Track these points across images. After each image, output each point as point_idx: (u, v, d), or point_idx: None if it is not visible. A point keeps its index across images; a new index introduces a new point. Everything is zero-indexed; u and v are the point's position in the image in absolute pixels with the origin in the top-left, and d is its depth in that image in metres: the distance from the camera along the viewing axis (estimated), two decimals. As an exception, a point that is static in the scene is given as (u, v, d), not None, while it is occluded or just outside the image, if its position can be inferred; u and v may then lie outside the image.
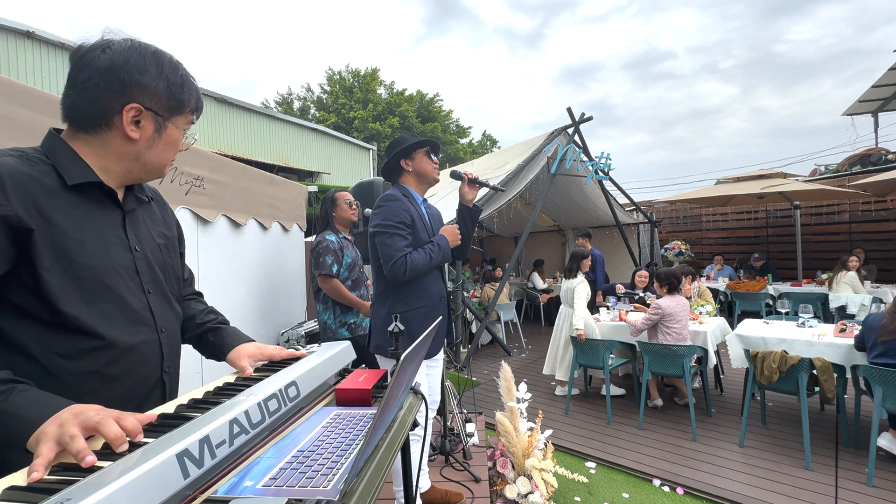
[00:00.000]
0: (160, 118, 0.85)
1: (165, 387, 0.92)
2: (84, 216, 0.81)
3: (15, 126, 1.38)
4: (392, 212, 1.82)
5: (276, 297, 3.16)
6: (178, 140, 0.90)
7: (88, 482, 0.49)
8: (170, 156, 0.91)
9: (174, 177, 2.05)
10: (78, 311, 0.77)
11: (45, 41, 6.53)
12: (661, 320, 3.42)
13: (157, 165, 0.90)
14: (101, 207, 0.85)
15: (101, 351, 0.80)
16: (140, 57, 0.83)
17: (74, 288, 0.77)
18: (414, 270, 1.79)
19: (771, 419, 3.34)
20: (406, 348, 0.75)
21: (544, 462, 2.26)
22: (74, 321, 0.76)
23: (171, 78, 0.85)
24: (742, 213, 9.07)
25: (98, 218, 0.83)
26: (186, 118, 0.91)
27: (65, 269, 0.76)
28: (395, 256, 1.77)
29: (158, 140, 0.86)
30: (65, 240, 0.76)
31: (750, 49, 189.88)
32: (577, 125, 5.92)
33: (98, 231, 0.82)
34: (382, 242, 1.81)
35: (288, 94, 24.44)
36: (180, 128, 0.89)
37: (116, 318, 0.82)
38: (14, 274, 0.73)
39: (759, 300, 6.34)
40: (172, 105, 0.86)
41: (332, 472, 0.64)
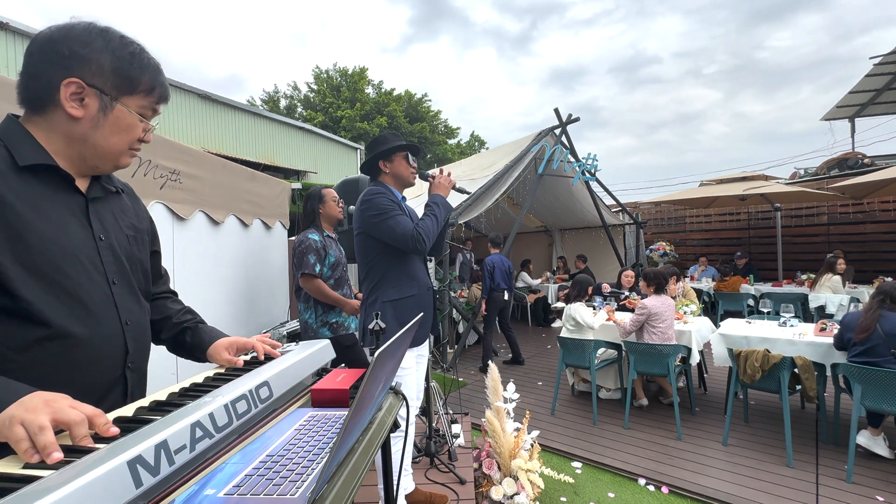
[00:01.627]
0: (106, 97, 0.79)
1: (128, 384, 0.87)
2: (40, 199, 0.77)
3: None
4: (383, 200, 1.87)
5: (257, 297, 3.08)
6: (131, 124, 0.83)
7: (23, 494, 0.44)
8: (120, 141, 0.83)
9: (148, 170, 1.97)
10: (31, 296, 0.72)
11: (19, 32, 6.31)
12: (647, 320, 3.44)
13: (107, 151, 0.83)
14: (59, 192, 0.80)
15: (53, 341, 0.74)
16: (84, 30, 0.78)
17: (28, 272, 0.72)
18: (429, 235, 1.86)
19: (753, 417, 3.38)
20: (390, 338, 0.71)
21: (530, 463, 2.24)
22: (26, 306, 0.72)
23: (118, 52, 0.79)
24: (725, 214, 9.23)
25: (57, 202, 0.79)
26: (140, 100, 0.84)
27: (16, 252, 0.72)
28: (409, 229, 1.82)
29: (104, 120, 0.80)
30: (16, 220, 0.72)
31: (733, 55, 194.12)
32: (565, 126, 5.94)
33: (57, 215, 0.78)
34: (389, 226, 1.83)
35: (275, 92, 24.13)
36: (132, 110, 0.83)
37: (73, 306, 0.77)
38: None
39: (742, 300, 6.44)
40: (120, 83, 0.80)
41: (302, 479, 0.59)
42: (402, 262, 1.94)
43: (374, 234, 1.88)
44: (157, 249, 1.09)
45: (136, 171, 1.93)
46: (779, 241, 7.71)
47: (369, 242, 1.93)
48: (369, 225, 1.88)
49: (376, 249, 1.92)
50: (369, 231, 1.90)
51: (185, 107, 8.88)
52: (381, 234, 1.87)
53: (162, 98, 0.88)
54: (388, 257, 1.92)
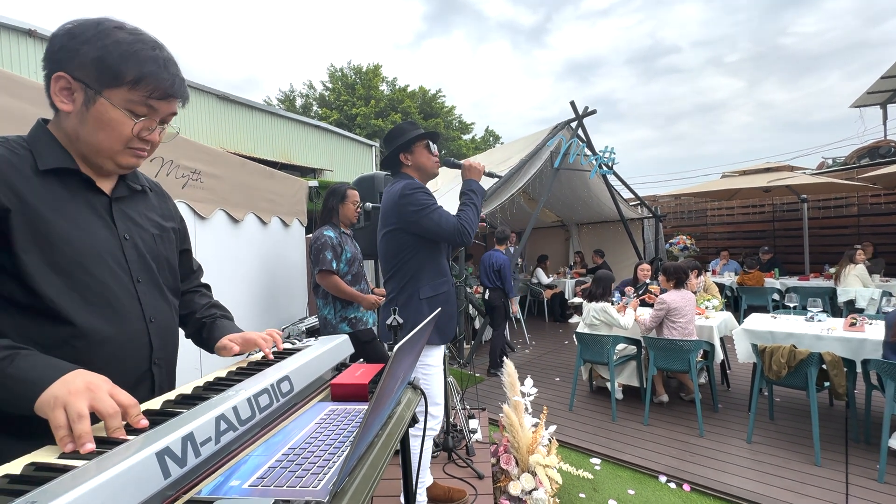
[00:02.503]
0: (90, 90, 0.76)
1: (154, 379, 0.89)
2: (65, 201, 0.79)
3: (7, 117, 1.35)
4: (422, 194, 1.83)
5: (277, 293, 3.13)
6: (115, 119, 0.78)
7: (60, 482, 0.46)
8: (107, 138, 0.79)
9: (170, 170, 2.02)
10: (56, 295, 0.74)
11: (46, 39, 6.53)
12: (667, 315, 3.37)
13: (97, 148, 0.80)
14: (83, 193, 0.82)
15: (80, 339, 0.77)
16: (82, 24, 0.77)
17: (54, 272, 0.75)
18: (473, 226, 1.84)
19: (779, 415, 3.29)
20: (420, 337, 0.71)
21: (548, 458, 2.23)
22: (53, 306, 0.74)
23: (106, 45, 0.75)
24: (748, 207, 8.98)
25: (81, 203, 0.81)
26: (126, 94, 0.78)
27: (42, 253, 0.74)
28: (454, 222, 1.80)
29: (86, 115, 0.78)
30: (42, 222, 0.74)
31: (756, 42, 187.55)
32: (581, 119, 5.86)
33: (80, 216, 0.80)
34: (434, 221, 1.80)
35: (290, 91, 24.42)
36: (117, 105, 0.77)
37: (98, 304, 0.79)
38: None
39: (766, 295, 6.27)
40: (102, 74, 0.76)
41: (324, 472, 0.60)
42: (435, 258, 1.91)
43: (414, 229, 1.83)
44: (187, 247, 1.11)
45: (159, 171, 1.99)
46: (805, 233, 7.47)
47: (405, 239, 1.86)
48: (409, 221, 1.82)
49: (412, 245, 1.86)
50: (408, 227, 1.84)
51: (205, 108, 9.07)
52: (423, 230, 1.82)
53: (157, 91, 0.80)
54: (422, 253, 1.87)
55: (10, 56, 6.20)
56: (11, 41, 6.22)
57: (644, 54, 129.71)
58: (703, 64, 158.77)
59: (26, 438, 0.61)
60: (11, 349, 0.68)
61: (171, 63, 0.83)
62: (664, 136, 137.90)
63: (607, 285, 3.78)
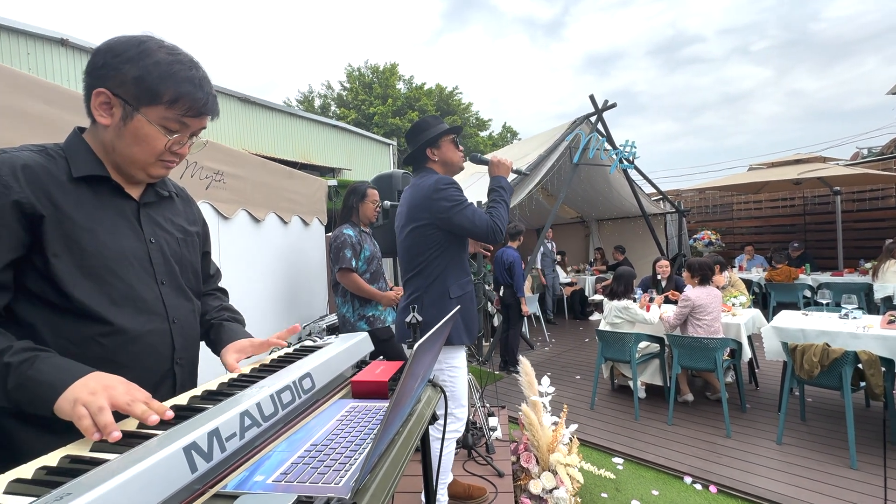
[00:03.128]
0: (129, 107, 0.80)
1: (176, 377, 0.92)
2: (95, 207, 0.83)
3: (42, 123, 1.41)
4: (455, 190, 1.80)
5: (298, 291, 3.18)
6: (150, 135, 0.82)
7: (93, 474, 0.48)
8: (141, 152, 0.83)
9: (194, 171, 2.07)
10: (86, 297, 0.78)
11: (78, 48, 6.78)
12: (692, 312, 3.29)
13: (131, 160, 0.84)
14: (112, 199, 0.86)
15: (107, 337, 0.81)
16: (124, 41, 0.81)
17: (83, 274, 0.79)
18: (504, 223, 1.83)
19: (811, 415, 3.18)
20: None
21: (569, 457, 2.20)
22: (82, 306, 0.78)
23: (147, 65, 0.79)
24: (777, 200, 8.66)
25: (110, 209, 0.85)
26: (163, 112, 0.81)
27: (73, 256, 0.78)
28: (486, 219, 1.78)
29: (123, 130, 0.81)
30: (74, 228, 0.78)
31: (784, 29, 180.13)
32: (601, 113, 5.75)
33: (110, 221, 0.84)
34: (467, 217, 1.77)
35: (309, 92, 24.78)
36: (153, 122, 0.81)
37: (125, 305, 0.83)
38: (28, 260, 0.76)
39: (796, 291, 6.04)
40: (141, 93, 0.79)
41: (345, 469, 0.61)
42: (461, 256, 1.89)
43: (446, 225, 1.79)
44: (207, 251, 1.14)
45: (184, 172, 2.04)
46: (838, 227, 7.16)
47: (435, 235, 1.82)
48: (440, 217, 1.78)
49: (440, 242, 1.82)
50: (440, 223, 1.80)
51: (227, 110, 9.26)
52: (455, 226, 1.79)
53: (192, 110, 0.84)
54: (451, 250, 1.85)
55: (45, 64, 6.46)
56: (45, 50, 6.48)
57: (666, 45, 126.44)
58: (728, 53, 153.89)
59: (60, 433, 0.64)
60: (31, 351, 0.70)
61: (206, 82, 0.86)
62: (687, 128, 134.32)
63: (629, 282, 3.70)
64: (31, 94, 1.38)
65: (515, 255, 4.66)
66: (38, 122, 1.40)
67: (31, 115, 1.38)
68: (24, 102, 1.36)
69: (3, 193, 0.72)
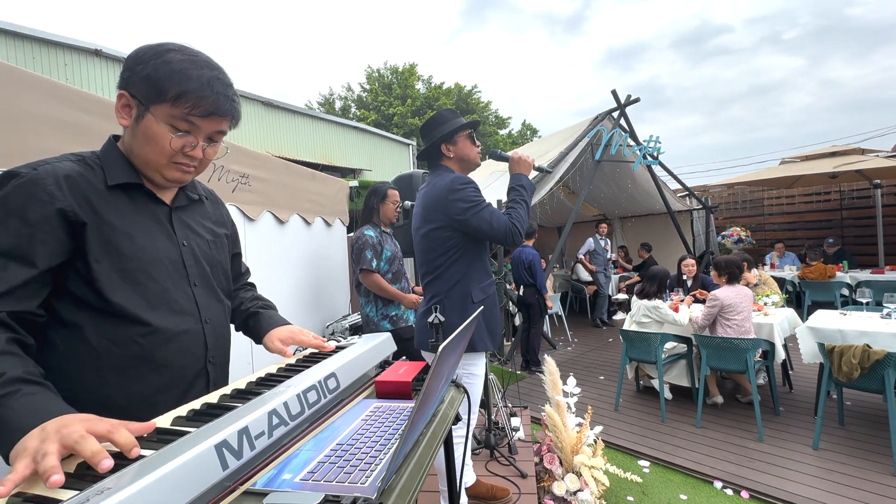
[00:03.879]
0: (141, 106, 0.82)
1: (209, 376, 0.95)
2: (132, 212, 0.86)
3: (77, 130, 1.47)
4: (472, 191, 1.73)
5: (321, 291, 3.23)
6: (156, 134, 0.82)
7: (129, 471, 0.49)
8: (151, 152, 0.83)
9: (221, 175, 2.13)
10: (124, 299, 0.81)
11: (111, 57, 7.06)
12: (720, 312, 3.19)
13: (145, 161, 0.85)
14: (147, 205, 0.89)
15: (145, 338, 0.83)
16: (144, 48, 0.83)
17: (122, 278, 0.82)
18: (524, 225, 1.75)
19: (850, 420, 3.04)
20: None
21: (594, 459, 2.17)
22: (121, 309, 0.81)
23: (157, 64, 0.80)
24: (811, 194, 8.31)
25: (145, 214, 0.89)
26: (168, 109, 0.81)
27: (113, 261, 0.81)
28: (504, 220, 1.70)
29: (136, 129, 0.83)
30: (113, 233, 0.81)
31: (818, 15, 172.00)
32: (623, 108, 5.63)
33: (145, 226, 0.87)
34: (484, 219, 1.69)
35: (330, 94, 25.16)
36: (160, 120, 0.81)
37: (161, 307, 0.86)
38: (71, 265, 0.79)
39: (833, 290, 5.78)
40: (149, 91, 0.80)
41: (371, 469, 0.61)
42: (482, 257, 1.82)
43: (462, 227, 1.72)
44: (238, 251, 1.17)
45: (211, 176, 2.09)
46: (879, 222, 6.82)
47: (452, 237, 1.75)
48: (457, 219, 1.71)
49: (459, 245, 1.76)
50: (457, 225, 1.73)
51: (251, 114, 9.49)
52: (472, 228, 1.71)
53: (198, 108, 0.82)
54: (471, 253, 1.78)
55: (80, 74, 6.75)
56: (80, 60, 6.78)
57: (691, 36, 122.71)
58: (757, 43, 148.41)
59: None
60: (16, 384, 0.64)
61: (218, 82, 0.84)
62: (714, 121, 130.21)
63: (663, 282, 3.60)
64: (69, 103, 1.45)
65: (534, 253, 4.64)
66: (74, 129, 1.46)
67: (69, 123, 1.44)
68: (62, 111, 1.42)
69: (49, 202, 0.75)
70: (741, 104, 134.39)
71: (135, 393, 0.84)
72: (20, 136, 1.31)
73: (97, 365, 0.80)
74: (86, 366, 0.80)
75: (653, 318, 3.52)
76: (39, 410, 0.61)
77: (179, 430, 0.64)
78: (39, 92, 1.37)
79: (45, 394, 0.66)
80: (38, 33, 6.29)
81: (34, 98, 1.35)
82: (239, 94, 0.90)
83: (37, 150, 1.33)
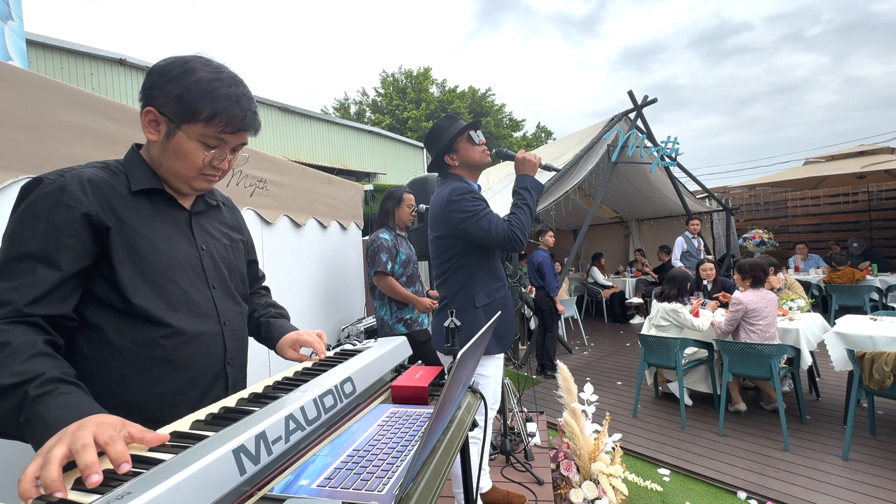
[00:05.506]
0: (172, 124, 0.85)
1: (228, 377, 0.96)
2: (153, 217, 0.89)
3: (104, 138, 1.51)
4: (469, 200, 1.73)
5: (336, 294, 3.25)
6: (189, 151, 0.86)
7: (150, 475, 0.50)
8: (182, 167, 0.88)
9: (239, 179, 2.16)
10: (146, 301, 0.83)
11: (135, 67, 7.28)
12: (744, 317, 3.10)
13: (174, 174, 0.89)
14: (168, 210, 0.93)
15: (167, 339, 0.85)
16: (171, 62, 0.85)
17: (144, 281, 0.84)
18: (526, 230, 1.72)
19: (883, 430, 2.91)
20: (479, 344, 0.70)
21: (612, 467, 2.12)
22: (143, 311, 0.83)
23: (188, 84, 0.83)
24: (838, 196, 8.04)
25: (166, 219, 0.91)
26: (201, 129, 0.85)
27: (135, 264, 0.83)
28: (504, 229, 1.70)
29: (167, 145, 0.87)
30: (136, 237, 0.84)
31: (842, 12, 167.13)
32: (640, 109, 5.55)
33: (166, 230, 0.90)
34: (483, 228, 1.70)
35: (345, 99, 25.43)
36: (192, 138, 0.85)
37: (181, 309, 0.88)
38: (96, 268, 0.81)
39: (861, 294, 5.57)
40: (182, 111, 0.84)
41: (388, 475, 0.61)
42: (489, 263, 1.83)
43: (463, 236, 1.76)
44: (253, 258, 1.19)
45: (230, 181, 2.13)
46: (910, 223, 6.56)
47: (455, 245, 1.80)
48: (457, 228, 1.75)
49: (462, 252, 1.79)
50: (458, 234, 1.77)
51: (268, 119, 9.66)
52: (472, 237, 1.74)
53: (229, 127, 0.87)
54: (474, 259, 1.80)
55: (105, 83, 6.97)
56: (106, 70, 7.00)
57: (709, 35, 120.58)
58: (778, 41, 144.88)
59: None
60: (53, 384, 0.67)
61: (245, 98, 0.88)
62: (734, 121, 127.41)
63: (682, 285, 3.51)
64: (95, 112, 1.49)
65: (545, 255, 4.59)
66: (101, 137, 1.50)
67: (95, 131, 1.48)
68: (88, 119, 1.46)
69: (74, 207, 0.78)
70: (762, 103, 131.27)
71: (156, 393, 0.85)
72: (49, 143, 1.35)
73: (120, 366, 0.82)
74: (109, 367, 0.82)
75: (671, 321, 3.44)
76: (72, 410, 0.64)
77: (198, 434, 0.64)
78: (68, 101, 1.41)
79: (78, 393, 0.69)
80: (66, 44, 6.52)
81: (63, 107, 1.39)
82: (256, 100, 0.92)
83: (65, 157, 1.37)
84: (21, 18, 3.25)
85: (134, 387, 0.83)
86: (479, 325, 1.74)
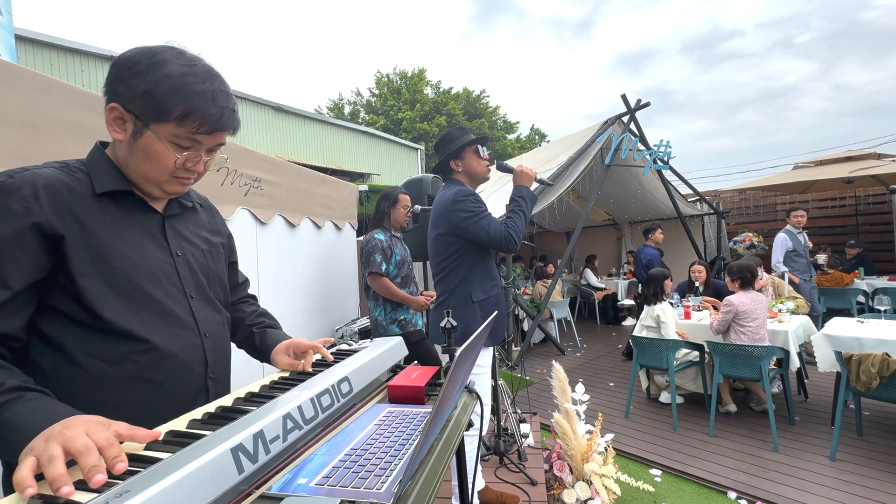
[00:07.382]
0: (140, 122, 0.76)
1: (209, 393, 0.89)
2: (120, 222, 0.80)
3: (96, 135, 1.49)
4: (472, 201, 1.89)
5: (330, 295, 3.24)
6: (159, 152, 0.77)
7: (148, 474, 0.49)
8: (152, 168, 0.79)
9: (234, 178, 2.15)
10: (116, 315, 0.75)
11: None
12: (735, 319, 3.14)
13: (143, 176, 0.81)
14: (137, 213, 0.84)
15: (141, 355, 0.78)
16: (139, 53, 0.76)
17: (113, 292, 0.76)
18: (520, 233, 1.89)
19: (868, 430, 2.96)
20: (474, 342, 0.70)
21: (605, 468, 2.14)
22: (113, 325, 0.75)
23: (156, 79, 0.74)
24: (826, 200, 8.17)
25: (135, 223, 0.83)
26: (172, 129, 0.76)
27: (101, 274, 0.75)
28: (501, 229, 1.86)
29: (134, 146, 0.78)
30: (101, 245, 0.76)
31: (831, 19, 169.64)
32: (633, 112, 5.60)
33: (135, 236, 0.82)
34: (482, 228, 1.85)
35: (339, 99, 25.33)
36: (163, 139, 0.76)
37: (156, 322, 0.80)
38: (54, 280, 0.73)
39: (849, 297, 5.67)
40: (150, 109, 0.75)
41: (386, 474, 0.61)
42: (485, 262, 1.97)
43: (464, 235, 1.90)
44: (234, 260, 1.10)
45: (224, 180, 2.12)
46: (896, 228, 6.69)
47: (455, 243, 1.93)
48: (458, 227, 1.89)
49: (461, 250, 1.93)
50: (458, 233, 1.90)
51: (261, 119, 9.60)
52: (472, 236, 1.88)
53: (204, 126, 0.78)
54: (472, 257, 1.93)
55: (97, 80, 6.89)
56: (97, 67, 6.92)
57: (702, 40, 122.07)
58: (769, 47, 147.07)
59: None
60: (17, 392, 0.63)
61: (222, 95, 0.79)
62: (725, 126, 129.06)
63: (659, 285, 3.57)
64: (88, 109, 1.47)
65: (653, 252, 5.01)
66: (93, 134, 1.48)
67: (88, 127, 1.47)
68: (81, 116, 1.45)
69: (24, 216, 0.69)
70: (753, 108, 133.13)
71: (131, 416, 0.72)
72: (40, 140, 1.33)
73: (89, 387, 0.74)
74: (76, 388, 0.74)
75: (650, 324, 3.49)
76: (45, 413, 0.60)
77: (195, 433, 0.64)
78: (60, 97, 1.39)
79: (46, 399, 0.65)
80: (56, 40, 6.44)
81: (55, 103, 1.38)
82: (249, 99, 0.88)
83: (56, 154, 1.34)
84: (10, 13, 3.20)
85: (106, 409, 0.69)
86: (475, 318, 1.88)
